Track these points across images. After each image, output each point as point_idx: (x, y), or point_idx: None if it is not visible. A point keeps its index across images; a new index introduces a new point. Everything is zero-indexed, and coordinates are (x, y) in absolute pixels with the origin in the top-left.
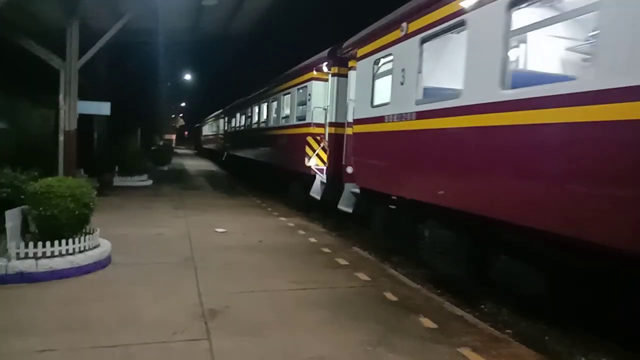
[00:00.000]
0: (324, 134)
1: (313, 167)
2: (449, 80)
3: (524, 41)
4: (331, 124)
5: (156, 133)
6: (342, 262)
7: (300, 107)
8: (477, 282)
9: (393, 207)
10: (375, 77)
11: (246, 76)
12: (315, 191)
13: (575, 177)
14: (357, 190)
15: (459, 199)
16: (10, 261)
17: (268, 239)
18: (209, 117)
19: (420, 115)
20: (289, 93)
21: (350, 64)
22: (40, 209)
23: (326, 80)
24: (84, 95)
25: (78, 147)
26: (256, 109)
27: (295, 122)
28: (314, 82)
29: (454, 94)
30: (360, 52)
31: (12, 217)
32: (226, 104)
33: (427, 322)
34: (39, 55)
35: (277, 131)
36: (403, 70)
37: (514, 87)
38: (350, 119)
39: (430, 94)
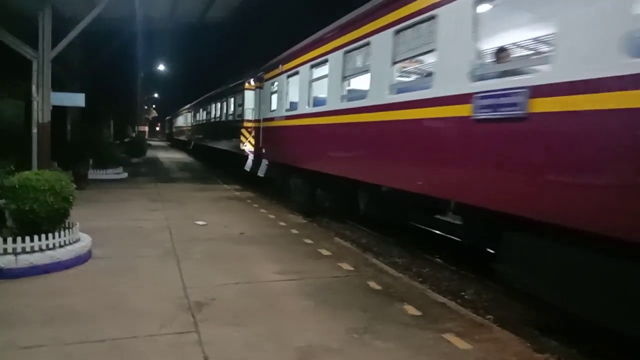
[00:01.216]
0: (252, 127)
1: (246, 150)
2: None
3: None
4: (255, 120)
5: (130, 124)
6: (325, 252)
7: (239, 107)
8: (312, 205)
9: (281, 170)
10: (271, 93)
11: (219, 68)
12: (248, 166)
13: (321, 145)
14: (267, 163)
15: (302, 162)
16: None
17: (249, 231)
18: (181, 109)
19: (287, 117)
20: (233, 97)
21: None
22: (18, 203)
23: (254, 90)
24: (57, 85)
25: (51, 139)
26: (213, 106)
27: (236, 118)
28: (246, 91)
29: (296, 106)
30: (266, 76)
31: None
32: (198, 96)
33: (411, 310)
34: (10, 45)
35: (225, 124)
36: (281, 92)
37: (314, 106)
38: (262, 118)
39: (292, 106)
